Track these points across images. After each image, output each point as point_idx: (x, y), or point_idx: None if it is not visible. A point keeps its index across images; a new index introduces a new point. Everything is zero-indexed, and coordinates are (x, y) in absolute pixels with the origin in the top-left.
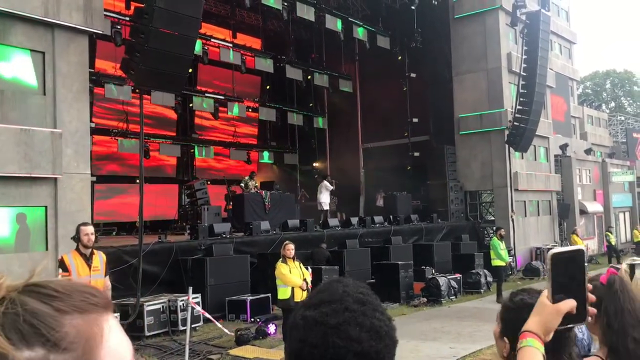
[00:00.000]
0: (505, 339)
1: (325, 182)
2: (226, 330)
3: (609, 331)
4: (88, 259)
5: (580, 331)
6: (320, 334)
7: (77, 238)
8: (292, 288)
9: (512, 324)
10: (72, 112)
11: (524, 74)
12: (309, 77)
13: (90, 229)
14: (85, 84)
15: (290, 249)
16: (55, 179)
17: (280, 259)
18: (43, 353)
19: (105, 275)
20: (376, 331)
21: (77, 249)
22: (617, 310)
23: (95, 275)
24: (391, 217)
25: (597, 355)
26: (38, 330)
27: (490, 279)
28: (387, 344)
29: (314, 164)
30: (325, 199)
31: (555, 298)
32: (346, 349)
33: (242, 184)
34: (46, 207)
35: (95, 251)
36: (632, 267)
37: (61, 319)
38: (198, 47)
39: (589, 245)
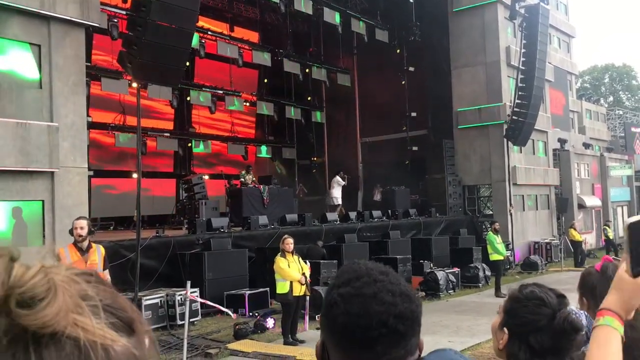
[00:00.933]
0: (505, 329)
1: (338, 177)
2: (230, 313)
3: None
4: (84, 253)
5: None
6: (361, 305)
7: (71, 232)
8: (291, 282)
9: (515, 314)
10: (68, 105)
11: (523, 67)
12: (307, 70)
13: (80, 222)
14: (82, 77)
15: (290, 243)
16: (52, 172)
17: (279, 253)
18: (126, 338)
19: (105, 269)
20: (407, 294)
21: (74, 243)
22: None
23: (93, 269)
24: (389, 211)
25: None
26: (117, 316)
27: (488, 273)
28: (417, 304)
29: (312, 159)
30: (337, 193)
31: (635, 271)
32: (387, 312)
33: (241, 178)
34: (43, 201)
35: (94, 245)
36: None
37: (121, 301)
38: (195, 40)
39: (587, 239)
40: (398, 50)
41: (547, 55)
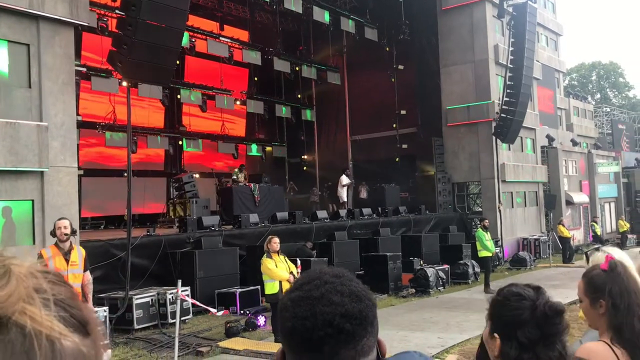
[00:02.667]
0: (496, 334)
1: (343, 176)
2: (218, 313)
3: (614, 312)
4: (66, 254)
5: None
6: (308, 307)
7: (54, 233)
8: (280, 282)
9: (499, 316)
10: (58, 105)
11: (511, 65)
12: (297, 69)
13: (63, 222)
14: (71, 76)
15: (276, 242)
16: (42, 172)
17: (265, 254)
18: (78, 338)
19: (85, 271)
20: (356, 295)
21: (56, 244)
22: (622, 290)
23: (72, 269)
24: (380, 209)
25: (602, 340)
26: (70, 312)
27: (477, 269)
28: (367, 304)
29: (303, 157)
30: (342, 192)
31: None
32: (332, 313)
33: (234, 177)
34: (33, 200)
35: (74, 246)
36: (586, 255)
37: (79, 302)
38: (185, 39)
39: (575, 235)
40: (387, 49)
41: (535, 54)
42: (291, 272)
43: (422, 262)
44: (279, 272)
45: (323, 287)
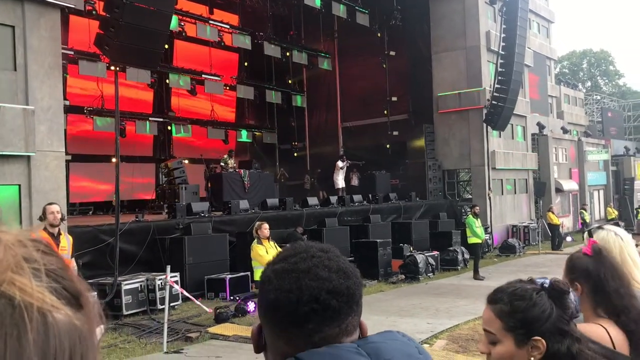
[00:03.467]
0: (538, 338)
1: (338, 162)
2: (205, 308)
3: (610, 297)
4: (56, 239)
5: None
6: (294, 280)
7: (43, 218)
8: None
9: (530, 319)
10: (44, 88)
11: (503, 52)
12: (288, 54)
13: (56, 207)
14: (58, 59)
15: (266, 228)
16: (29, 156)
17: (255, 240)
18: (71, 310)
19: (72, 256)
20: (343, 271)
21: (45, 229)
22: (607, 273)
23: (62, 254)
24: (370, 195)
25: (596, 323)
26: (62, 284)
27: (467, 256)
28: (355, 281)
29: (293, 143)
30: (338, 177)
31: None
32: (319, 288)
33: (222, 163)
34: (19, 185)
35: (62, 232)
36: (590, 232)
37: (71, 274)
38: (174, 23)
39: (564, 222)
40: (379, 35)
41: (527, 40)
42: None
43: (411, 248)
44: (269, 258)
45: (310, 261)
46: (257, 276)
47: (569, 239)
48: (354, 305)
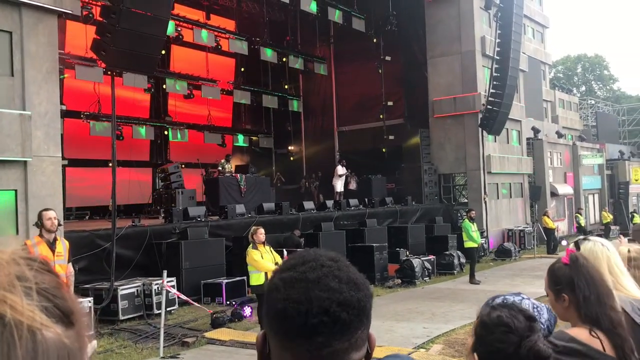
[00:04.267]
0: (475, 354)
1: (339, 166)
2: (205, 308)
3: (587, 304)
4: (52, 245)
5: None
6: (303, 290)
7: (39, 224)
8: (266, 273)
9: (483, 341)
10: (41, 93)
11: (498, 57)
12: (284, 59)
13: (52, 213)
14: (55, 65)
15: (262, 233)
16: (25, 162)
17: (251, 245)
18: (60, 327)
19: (69, 262)
20: (354, 282)
21: (41, 235)
22: (589, 281)
23: (59, 260)
24: (366, 199)
25: (584, 327)
26: (53, 302)
27: (463, 260)
28: (365, 293)
29: (289, 147)
30: (337, 182)
31: None
32: (330, 299)
33: (220, 167)
34: (16, 190)
35: (58, 237)
36: (576, 243)
37: (64, 291)
38: (171, 28)
39: (559, 226)
40: (374, 40)
41: (522, 45)
42: (276, 263)
43: (408, 252)
44: (264, 263)
45: (319, 270)
46: (253, 281)
47: (564, 242)
48: (364, 318)
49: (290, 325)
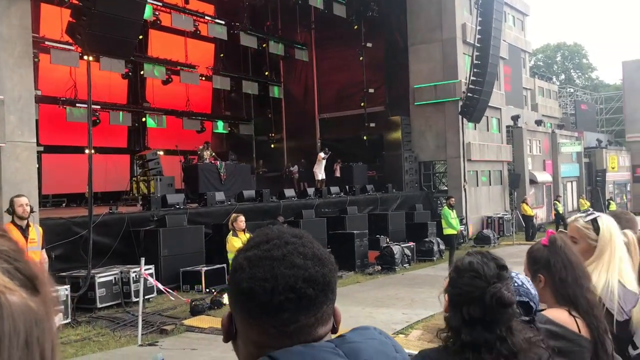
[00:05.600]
0: (445, 295)
1: (321, 153)
2: (182, 298)
3: (564, 285)
4: (24, 231)
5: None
6: (268, 267)
7: (11, 210)
8: None
9: (454, 284)
10: (14, 77)
11: (478, 45)
12: (264, 45)
13: (24, 199)
14: (28, 48)
15: (242, 221)
16: None
17: (231, 232)
18: (26, 293)
19: (43, 249)
20: (319, 258)
21: (13, 222)
22: (565, 263)
23: (32, 247)
24: (347, 187)
25: (563, 309)
26: (14, 266)
27: (442, 247)
28: (330, 269)
29: (270, 135)
30: (319, 169)
31: None
32: (295, 276)
33: (199, 153)
34: None
35: (31, 223)
36: (594, 221)
37: (26, 258)
38: (148, 12)
39: (537, 214)
40: (355, 27)
41: (502, 33)
42: None
43: (388, 239)
44: None
45: (284, 248)
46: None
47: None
48: (329, 293)
49: (256, 303)
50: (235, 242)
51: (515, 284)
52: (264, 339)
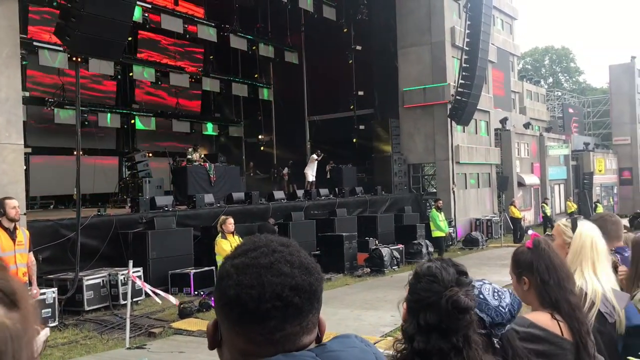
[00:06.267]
0: (404, 303)
1: (313, 155)
2: (172, 299)
3: (547, 288)
4: (12, 234)
5: (497, 298)
6: (255, 275)
7: (2, 212)
8: None
9: (412, 290)
10: (1, 79)
11: (467, 48)
12: (254, 47)
13: (15, 202)
14: (16, 49)
15: (231, 223)
16: None
17: (220, 235)
18: (3, 309)
19: (30, 251)
20: (305, 267)
21: (0, 224)
22: (548, 266)
23: (19, 249)
24: (336, 189)
25: (546, 312)
26: None
27: (431, 249)
28: (316, 277)
29: (260, 137)
30: (310, 170)
31: None
32: (282, 284)
33: (188, 156)
34: None
35: (18, 226)
36: (574, 221)
37: (7, 274)
38: (138, 13)
39: (525, 216)
40: (345, 29)
41: (491, 37)
42: None
43: (377, 242)
44: None
45: (272, 256)
46: None
47: (530, 232)
48: (315, 302)
49: (242, 311)
50: (224, 245)
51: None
52: (249, 347)
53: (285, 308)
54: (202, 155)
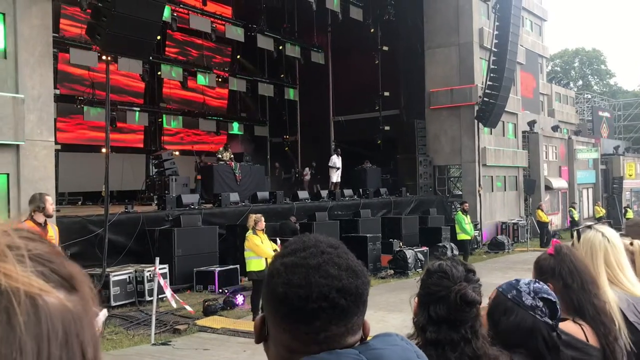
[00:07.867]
0: (416, 298)
1: (334, 156)
2: (189, 308)
3: (570, 292)
4: (43, 229)
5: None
6: (303, 275)
7: (42, 207)
8: (266, 259)
9: (423, 285)
10: (34, 77)
11: (495, 49)
12: (281, 47)
13: (51, 198)
14: (49, 48)
15: (263, 221)
16: (18, 145)
17: (251, 230)
18: (63, 294)
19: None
20: (353, 269)
21: (32, 218)
22: (571, 269)
23: None
24: (361, 190)
25: (569, 317)
26: (49, 267)
27: (456, 252)
28: (363, 281)
29: (285, 137)
30: (332, 172)
31: None
32: (329, 286)
33: (218, 155)
34: (8, 174)
35: (48, 222)
36: (578, 232)
37: (61, 257)
38: (167, 13)
39: (553, 220)
40: (372, 30)
41: (520, 38)
42: (275, 250)
43: (401, 243)
44: (264, 248)
45: (320, 257)
46: (252, 267)
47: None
48: (361, 305)
49: (289, 309)
50: (256, 240)
51: (538, 285)
52: (294, 344)
53: (332, 309)
54: (232, 156)
